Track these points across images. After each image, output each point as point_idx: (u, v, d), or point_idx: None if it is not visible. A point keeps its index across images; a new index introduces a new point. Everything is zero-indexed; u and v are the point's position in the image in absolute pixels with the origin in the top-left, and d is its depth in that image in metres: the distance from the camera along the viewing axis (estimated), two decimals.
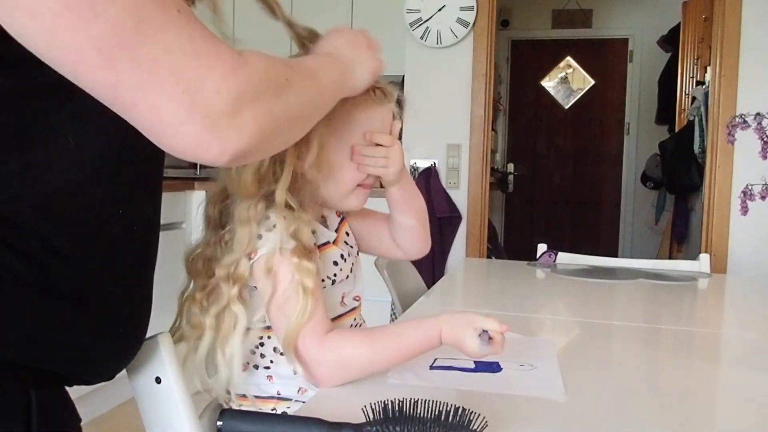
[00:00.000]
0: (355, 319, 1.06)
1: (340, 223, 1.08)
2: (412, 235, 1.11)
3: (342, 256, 1.02)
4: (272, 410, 0.96)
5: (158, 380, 0.81)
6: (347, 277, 1.02)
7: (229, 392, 0.94)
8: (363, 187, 1.00)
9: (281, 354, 0.94)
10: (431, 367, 0.92)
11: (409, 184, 1.07)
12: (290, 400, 0.96)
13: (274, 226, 0.90)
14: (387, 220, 1.11)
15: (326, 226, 1.04)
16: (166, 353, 0.81)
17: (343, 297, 1.02)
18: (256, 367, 0.96)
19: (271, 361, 0.95)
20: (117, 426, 2.62)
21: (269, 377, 0.96)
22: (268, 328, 0.94)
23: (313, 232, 0.97)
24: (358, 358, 0.87)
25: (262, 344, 0.95)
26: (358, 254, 1.10)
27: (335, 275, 0.99)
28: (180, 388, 0.82)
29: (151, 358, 0.81)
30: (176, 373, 0.82)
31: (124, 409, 2.67)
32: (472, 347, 0.84)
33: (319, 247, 0.97)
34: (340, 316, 1.02)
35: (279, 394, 0.96)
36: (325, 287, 0.96)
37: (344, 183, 0.98)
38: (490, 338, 0.84)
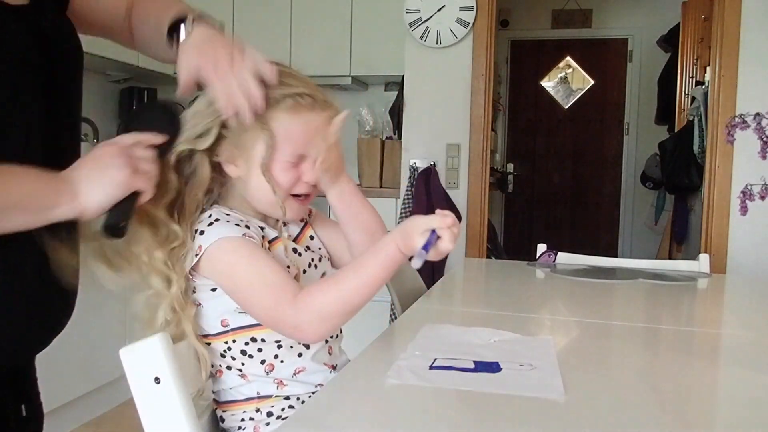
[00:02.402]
0: None
1: (303, 227, 1.07)
2: (360, 249, 1.04)
3: (295, 250, 1.01)
4: (256, 411, 0.96)
5: (157, 380, 0.81)
6: (304, 272, 1.01)
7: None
8: (296, 199, 0.99)
9: (250, 357, 0.95)
10: (431, 367, 0.92)
11: (350, 193, 1.03)
12: (270, 396, 0.96)
13: (217, 220, 0.92)
14: None
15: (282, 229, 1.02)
16: (164, 353, 0.81)
17: None
18: (229, 368, 0.96)
19: (243, 364, 0.96)
20: (117, 426, 2.62)
21: (243, 376, 0.96)
22: (229, 331, 0.95)
23: (262, 229, 0.98)
24: (332, 304, 0.88)
25: (229, 348, 0.96)
26: (328, 259, 1.09)
27: (288, 267, 0.97)
28: (179, 388, 0.82)
29: (150, 358, 0.81)
30: (175, 374, 0.81)
31: (124, 409, 2.67)
32: (418, 249, 0.85)
33: (269, 242, 0.98)
34: None
35: (259, 394, 0.96)
36: None
37: (272, 189, 0.94)
38: (438, 237, 0.85)
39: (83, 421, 2.61)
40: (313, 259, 1.04)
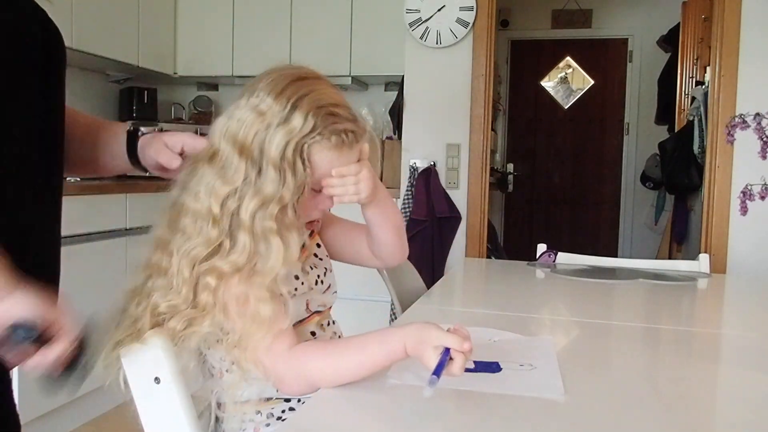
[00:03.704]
0: (321, 324, 1.05)
1: (309, 236, 1.08)
2: (390, 246, 1.11)
3: (303, 268, 1.01)
4: (257, 413, 0.95)
5: (157, 380, 0.81)
6: (311, 288, 1.01)
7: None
8: (306, 225, 1.01)
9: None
10: None
11: (384, 202, 1.04)
12: (271, 399, 0.96)
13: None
14: (364, 231, 1.10)
15: None
16: (164, 353, 0.81)
17: (307, 303, 1.01)
18: (228, 371, 0.96)
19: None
20: (117, 426, 2.62)
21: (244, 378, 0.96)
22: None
23: None
24: (322, 372, 0.87)
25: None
26: (330, 267, 1.10)
27: (296, 289, 0.98)
28: (179, 388, 0.82)
29: (150, 358, 0.81)
30: (175, 374, 0.82)
31: (124, 409, 2.66)
32: (430, 365, 0.81)
33: None
34: (304, 320, 1.01)
35: (259, 396, 0.96)
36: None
37: (306, 216, 0.97)
38: (450, 358, 0.80)
39: (83, 421, 2.61)
40: (319, 276, 1.05)
